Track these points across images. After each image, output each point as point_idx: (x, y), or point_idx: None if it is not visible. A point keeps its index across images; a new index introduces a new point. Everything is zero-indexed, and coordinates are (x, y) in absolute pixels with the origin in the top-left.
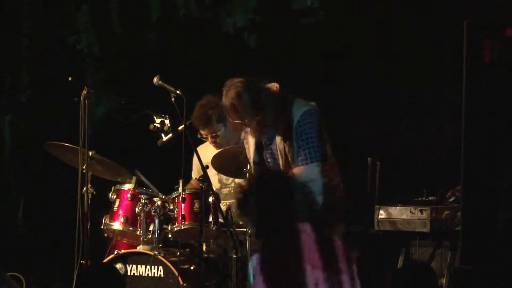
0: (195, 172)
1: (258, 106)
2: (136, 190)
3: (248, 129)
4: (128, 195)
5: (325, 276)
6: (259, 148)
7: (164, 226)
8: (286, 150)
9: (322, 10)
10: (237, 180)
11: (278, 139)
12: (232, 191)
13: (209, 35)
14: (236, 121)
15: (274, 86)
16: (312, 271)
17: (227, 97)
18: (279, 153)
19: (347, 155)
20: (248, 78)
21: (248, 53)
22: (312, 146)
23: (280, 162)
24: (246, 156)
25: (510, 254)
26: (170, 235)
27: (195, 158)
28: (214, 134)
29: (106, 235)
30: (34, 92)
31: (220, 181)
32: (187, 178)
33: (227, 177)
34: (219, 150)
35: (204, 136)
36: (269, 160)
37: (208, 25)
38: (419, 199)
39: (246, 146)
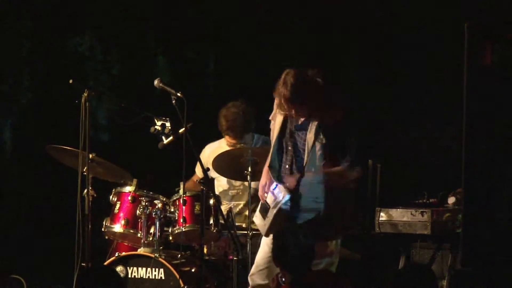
0: (199, 169)
1: (311, 98)
2: (137, 193)
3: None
4: (129, 198)
5: None
6: (282, 132)
7: (165, 229)
8: (317, 148)
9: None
10: (246, 183)
11: (309, 135)
12: (240, 193)
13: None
14: (285, 108)
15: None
16: None
17: (285, 84)
18: (306, 147)
19: None
20: (305, 70)
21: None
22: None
23: (305, 157)
24: (247, 158)
25: (510, 256)
26: (171, 238)
27: (202, 154)
28: (246, 142)
29: (107, 237)
30: (35, 95)
31: (228, 182)
32: (188, 179)
33: None
34: (219, 153)
35: (230, 144)
36: (289, 148)
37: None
38: (420, 201)
39: (272, 126)
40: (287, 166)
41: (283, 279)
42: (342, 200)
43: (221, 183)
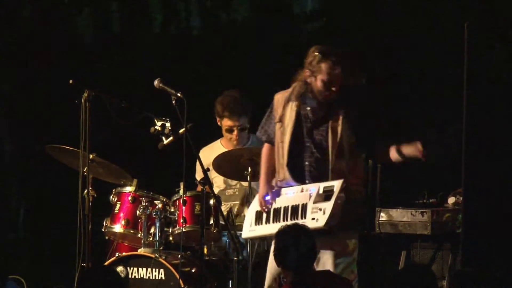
0: (199, 175)
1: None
2: (137, 193)
3: (287, 108)
4: (129, 198)
5: None
6: (297, 131)
7: (165, 229)
8: (341, 129)
9: (323, 13)
10: (242, 183)
11: (333, 124)
12: (236, 193)
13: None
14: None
15: None
16: None
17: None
18: (331, 138)
19: None
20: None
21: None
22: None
23: (330, 139)
24: (247, 159)
25: (510, 257)
26: (171, 238)
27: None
28: (243, 127)
29: (107, 237)
30: (34, 95)
31: (225, 181)
32: (188, 181)
33: None
34: (219, 153)
35: (228, 127)
36: (308, 145)
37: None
38: (420, 201)
39: (279, 130)
40: (311, 164)
41: (284, 279)
42: (353, 201)
43: (217, 184)
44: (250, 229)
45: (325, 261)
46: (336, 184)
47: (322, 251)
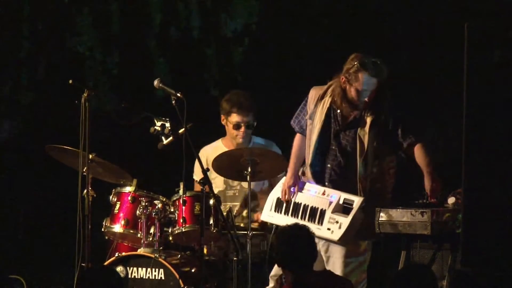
0: (198, 175)
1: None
2: (137, 193)
3: (318, 107)
4: (129, 198)
5: None
6: (325, 131)
7: (165, 229)
8: (367, 137)
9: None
10: (243, 184)
11: (361, 132)
12: (237, 194)
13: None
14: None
15: None
16: None
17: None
18: (359, 144)
19: None
20: None
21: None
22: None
23: (358, 147)
24: (247, 159)
25: (510, 257)
26: (170, 238)
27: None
28: (251, 124)
29: (106, 237)
30: (35, 95)
31: (225, 182)
32: (188, 181)
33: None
34: (219, 153)
35: (235, 123)
36: (333, 148)
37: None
38: (420, 201)
39: (309, 126)
40: (333, 167)
41: (285, 279)
42: (374, 207)
43: (217, 184)
44: (269, 214)
45: (335, 260)
46: (356, 201)
47: (332, 250)
